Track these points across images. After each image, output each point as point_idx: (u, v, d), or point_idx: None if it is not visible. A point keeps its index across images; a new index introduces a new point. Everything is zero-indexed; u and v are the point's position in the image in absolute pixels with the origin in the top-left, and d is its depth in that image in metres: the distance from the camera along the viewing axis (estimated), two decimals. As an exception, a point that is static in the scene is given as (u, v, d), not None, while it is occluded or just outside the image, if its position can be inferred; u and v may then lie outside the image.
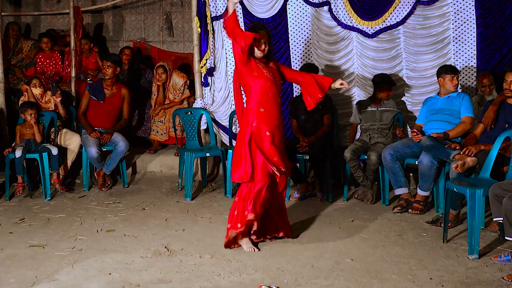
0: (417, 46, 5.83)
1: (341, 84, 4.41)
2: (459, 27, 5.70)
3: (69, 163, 6.22)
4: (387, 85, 5.60)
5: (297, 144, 5.50)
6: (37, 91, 6.20)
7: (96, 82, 6.36)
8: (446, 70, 5.21)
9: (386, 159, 5.20)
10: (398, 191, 5.25)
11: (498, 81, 5.45)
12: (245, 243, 4.17)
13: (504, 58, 5.64)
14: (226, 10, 4.37)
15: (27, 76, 7.23)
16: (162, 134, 6.79)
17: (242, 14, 6.20)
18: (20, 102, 6.25)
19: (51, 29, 8.24)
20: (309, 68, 5.67)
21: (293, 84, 6.22)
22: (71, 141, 6.14)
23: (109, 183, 6.13)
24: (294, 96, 6.15)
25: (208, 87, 6.42)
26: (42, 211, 5.27)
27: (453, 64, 5.66)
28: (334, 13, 5.94)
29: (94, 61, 7.38)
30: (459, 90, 5.62)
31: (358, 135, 5.90)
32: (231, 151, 5.78)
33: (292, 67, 6.19)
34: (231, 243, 4.19)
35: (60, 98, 6.14)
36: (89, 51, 7.41)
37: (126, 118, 6.31)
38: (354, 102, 6.04)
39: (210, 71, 6.37)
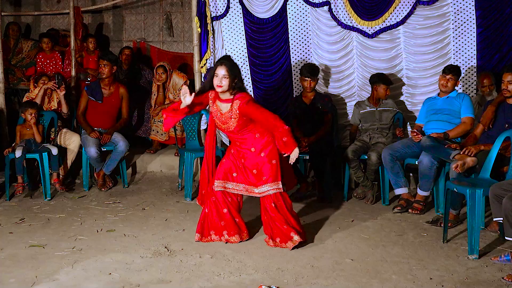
0: (417, 46, 5.83)
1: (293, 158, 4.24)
2: (459, 27, 5.70)
3: (69, 163, 6.22)
4: (383, 84, 5.60)
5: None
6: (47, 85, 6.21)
7: (93, 82, 6.34)
8: (442, 70, 5.27)
9: (386, 159, 5.20)
10: (398, 191, 5.25)
11: (498, 81, 5.46)
12: None
13: (504, 58, 5.64)
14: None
15: (27, 76, 7.23)
16: (162, 134, 6.79)
17: (242, 14, 6.20)
18: (25, 99, 6.25)
19: (52, 29, 8.24)
20: (309, 67, 5.67)
21: (293, 84, 6.23)
22: (71, 141, 6.14)
23: (110, 185, 6.12)
24: (294, 96, 6.15)
25: (208, 87, 6.41)
26: (42, 211, 5.27)
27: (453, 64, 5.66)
28: (334, 13, 5.94)
29: (96, 60, 7.37)
30: (459, 90, 5.64)
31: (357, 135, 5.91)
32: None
33: (292, 67, 6.20)
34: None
35: (63, 92, 6.14)
36: (92, 51, 7.41)
37: (125, 117, 6.30)
38: (354, 102, 6.03)
39: (210, 71, 6.36)
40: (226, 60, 4.22)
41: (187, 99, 4.16)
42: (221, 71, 4.15)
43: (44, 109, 6.21)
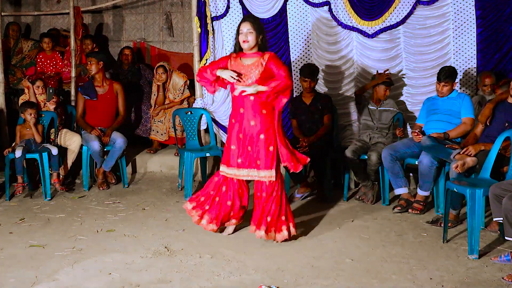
0: (417, 46, 5.83)
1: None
2: (459, 27, 5.70)
3: (69, 163, 6.21)
4: (383, 84, 5.60)
5: (297, 144, 5.50)
6: (41, 97, 6.19)
7: (86, 82, 6.33)
8: (437, 76, 5.24)
9: (386, 159, 5.20)
10: (398, 191, 5.25)
11: (499, 81, 5.46)
12: None
13: (504, 58, 5.65)
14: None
15: (28, 76, 7.23)
16: (162, 134, 6.79)
17: (242, 14, 6.20)
18: (21, 101, 6.23)
19: (53, 29, 8.24)
20: (309, 68, 5.67)
21: (293, 84, 6.23)
22: (72, 141, 6.13)
23: (113, 182, 6.15)
24: (294, 96, 6.15)
25: (208, 87, 6.42)
26: (42, 211, 5.27)
27: (453, 64, 5.65)
28: (334, 13, 5.95)
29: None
30: (459, 90, 5.65)
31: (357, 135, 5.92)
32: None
33: (292, 67, 6.20)
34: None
35: (54, 106, 6.12)
36: (90, 52, 7.40)
37: (122, 115, 6.28)
38: (354, 103, 6.03)
39: (210, 71, 6.37)
40: (249, 17, 4.32)
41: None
42: (245, 27, 4.20)
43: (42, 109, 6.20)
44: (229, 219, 4.50)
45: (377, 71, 5.75)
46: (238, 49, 4.31)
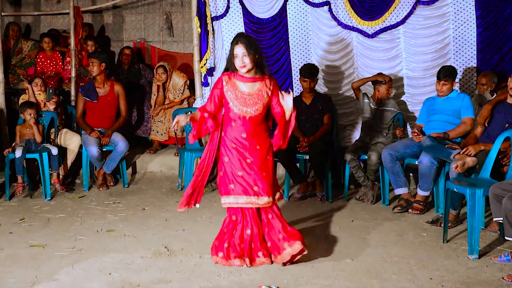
0: (417, 46, 5.83)
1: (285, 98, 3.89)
2: (459, 27, 5.70)
3: (69, 163, 6.21)
4: (384, 84, 5.60)
5: (297, 144, 5.51)
6: (40, 97, 6.19)
7: (87, 83, 6.31)
8: (437, 74, 5.23)
9: (386, 159, 5.20)
10: (398, 191, 5.25)
11: (499, 80, 5.45)
12: None
13: (504, 58, 5.65)
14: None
15: (28, 76, 7.23)
16: (162, 134, 6.79)
17: (242, 14, 6.21)
18: (21, 101, 6.24)
19: (53, 29, 8.24)
20: (309, 68, 5.67)
21: (293, 84, 6.24)
22: (71, 141, 6.14)
23: (111, 184, 6.14)
24: (294, 96, 6.14)
25: (208, 87, 6.43)
26: (42, 211, 5.27)
27: (453, 64, 5.65)
28: (334, 13, 5.95)
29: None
30: (459, 90, 5.65)
31: (357, 135, 5.92)
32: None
33: (292, 67, 6.20)
34: None
35: (54, 106, 6.12)
36: (93, 52, 7.40)
37: (124, 116, 6.27)
38: (354, 103, 6.03)
39: (210, 71, 6.38)
40: (241, 37, 3.85)
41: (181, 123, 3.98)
42: (240, 50, 3.79)
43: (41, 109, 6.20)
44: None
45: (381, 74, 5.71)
46: (233, 68, 3.87)
